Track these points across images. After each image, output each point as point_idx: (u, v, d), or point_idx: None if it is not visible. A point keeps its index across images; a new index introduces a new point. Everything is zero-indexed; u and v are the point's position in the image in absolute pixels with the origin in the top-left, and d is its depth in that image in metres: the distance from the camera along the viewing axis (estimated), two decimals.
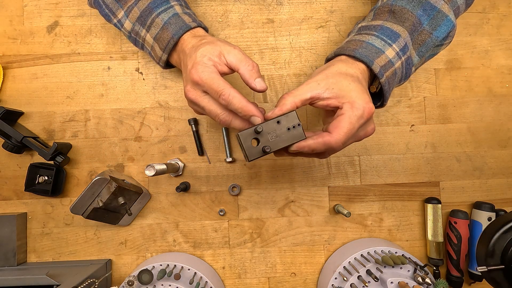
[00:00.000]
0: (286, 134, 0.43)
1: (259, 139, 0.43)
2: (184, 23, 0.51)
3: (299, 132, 0.43)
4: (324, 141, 0.43)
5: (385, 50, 0.47)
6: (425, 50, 0.50)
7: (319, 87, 0.44)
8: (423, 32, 0.49)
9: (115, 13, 0.54)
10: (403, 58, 0.48)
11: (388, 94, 0.49)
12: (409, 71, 0.51)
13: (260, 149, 0.43)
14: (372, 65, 0.46)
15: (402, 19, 0.49)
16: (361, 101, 0.43)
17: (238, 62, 0.46)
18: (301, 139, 0.43)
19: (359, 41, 0.49)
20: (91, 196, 0.55)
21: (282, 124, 0.43)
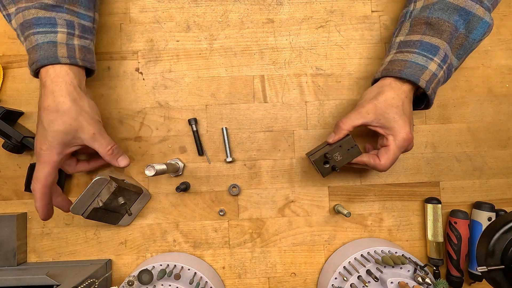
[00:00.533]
0: (347, 153, 0.56)
1: (328, 161, 0.56)
2: (55, 55, 0.49)
3: (356, 150, 0.56)
4: (375, 163, 0.54)
5: (428, 66, 0.52)
6: (463, 52, 0.54)
7: (369, 117, 0.54)
8: (460, 36, 0.52)
9: (6, 6, 0.52)
10: (444, 67, 0.53)
11: (433, 100, 0.55)
12: (450, 74, 0.56)
13: (330, 169, 0.56)
14: (419, 82, 0.52)
15: (440, 31, 0.52)
16: (403, 134, 0.53)
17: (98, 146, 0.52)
18: (358, 156, 0.56)
19: (403, 61, 0.53)
20: (91, 196, 0.54)
21: (343, 147, 0.56)
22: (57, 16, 0.50)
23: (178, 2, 0.65)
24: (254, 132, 0.65)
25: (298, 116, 0.65)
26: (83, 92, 0.52)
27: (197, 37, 0.65)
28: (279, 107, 0.65)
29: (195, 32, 0.65)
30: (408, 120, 0.53)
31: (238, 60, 0.65)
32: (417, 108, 0.58)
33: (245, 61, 0.65)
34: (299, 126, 0.65)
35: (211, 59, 0.65)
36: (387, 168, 0.54)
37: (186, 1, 0.65)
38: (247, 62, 0.65)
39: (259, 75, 0.65)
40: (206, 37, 0.65)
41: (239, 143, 0.64)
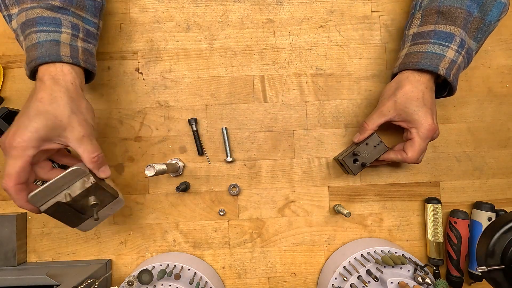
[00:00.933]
0: (374, 150, 0.59)
1: (357, 159, 0.58)
2: (57, 53, 0.47)
3: (383, 147, 0.59)
4: (403, 158, 0.56)
5: (445, 54, 0.52)
6: (481, 35, 0.54)
7: (390, 113, 0.55)
8: (475, 20, 0.52)
9: (8, 8, 0.51)
10: (463, 52, 0.53)
11: (456, 85, 0.55)
12: (470, 58, 0.55)
13: (359, 165, 0.59)
14: (439, 70, 0.52)
15: (453, 18, 0.52)
16: (426, 125, 0.53)
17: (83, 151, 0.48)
18: (385, 151, 0.58)
19: (419, 52, 0.53)
20: (59, 187, 0.46)
21: (369, 144, 0.59)
22: (62, 17, 0.50)
23: (178, 2, 0.65)
24: (254, 132, 0.65)
25: (298, 116, 0.65)
26: (82, 93, 0.51)
27: (197, 37, 0.65)
28: (279, 107, 0.65)
29: (195, 32, 0.65)
30: (430, 111, 0.53)
31: (238, 60, 0.65)
32: (440, 96, 0.58)
33: (245, 61, 0.65)
34: (299, 126, 0.65)
35: (211, 59, 0.65)
36: (416, 160, 0.55)
37: (186, 1, 0.65)
38: (247, 62, 0.65)
39: (259, 75, 0.65)
40: (206, 37, 0.65)
41: (239, 143, 0.64)
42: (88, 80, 0.56)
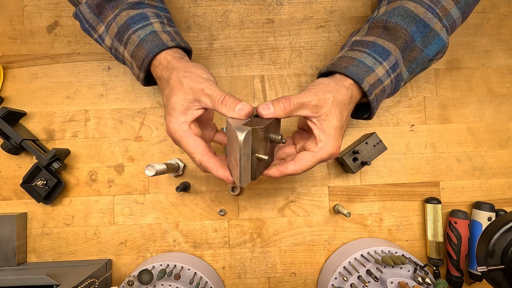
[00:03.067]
0: (373, 149, 0.58)
1: (357, 157, 0.59)
2: (161, 41, 0.49)
3: (382, 146, 0.58)
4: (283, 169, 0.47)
5: (375, 69, 0.48)
6: (415, 66, 0.50)
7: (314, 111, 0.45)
8: (415, 48, 0.49)
9: (95, 28, 0.52)
10: (392, 75, 0.49)
11: (376, 109, 0.50)
12: (398, 86, 0.51)
13: (359, 163, 0.59)
14: (362, 83, 0.47)
15: (395, 36, 0.49)
16: (332, 148, 0.46)
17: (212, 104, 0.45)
18: (384, 151, 0.59)
19: (351, 58, 0.49)
20: (248, 157, 0.41)
21: (369, 143, 0.58)
22: (144, 10, 0.51)
23: (178, 2, 0.65)
24: None
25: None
26: (186, 61, 0.50)
27: (197, 37, 0.65)
28: None
29: (195, 32, 0.65)
30: (342, 134, 0.48)
31: (238, 60, 0.65)
32: (359, 116, 0.54)
33: (245, 61, 0.65)
34: None
35: (211, 59, 0.65)
36: (297, 173, 0.47)
37: (186, 1, 0.65)
38: (247, 62, 0.65)
39: (259, 75, 0.65)
40: (206, 37, 0.65)
41: None
42: None
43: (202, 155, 0.45)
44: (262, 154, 0.43)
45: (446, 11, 0.48)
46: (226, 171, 0.45)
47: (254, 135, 0.41)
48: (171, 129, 0.46)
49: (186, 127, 0.45)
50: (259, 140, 0.42)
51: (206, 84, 0.45)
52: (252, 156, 0.42)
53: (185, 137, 0.45)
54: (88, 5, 0.50)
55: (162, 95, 0.49)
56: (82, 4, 0.51)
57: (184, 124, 0.45)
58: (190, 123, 0.46)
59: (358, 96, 0.49)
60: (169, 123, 0.46)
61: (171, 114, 0.46)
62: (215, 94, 0.44)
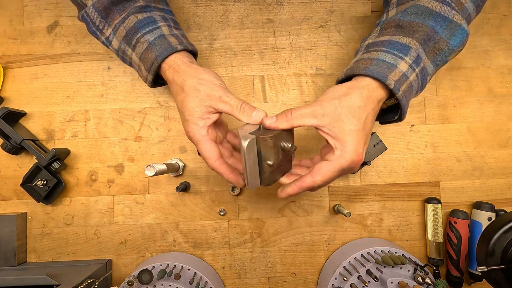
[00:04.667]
0: (374, 149, 0.58)
1: None
2: (170, 45, 0.50)
3: (382, 146, 0.59)
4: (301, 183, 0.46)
5: (397, 64, 0.45)
6: (441, 59, 0.48)
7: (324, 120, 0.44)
8: (441, 40, 0.46)
9: (103, 31, 0.53)
10: (417, 69, 0.47)
11: (406, 108, 0.47)
12: (424, 82, 0.49)
13: None
14: (386, 81, 0.44)
15: (412, 31, 0.47)
16: (351, 154, 0.44)
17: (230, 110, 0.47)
18: (384, 151, 0.59)
19: (369, 59, 0.47)
20: (254, 163, 0.45)
21: (369, 143, 0.57)
22: (152, 14, 0.52)
23: (178, 2, 0.65)
24: None
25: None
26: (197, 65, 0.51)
27: (197, 37, 0.65)
28: (279, 107, 0.65)
29: (195, 32, 0.65)
30: (365, 138, 0.45)
31: (238, 60, 0.65)
32: (388, 120, 0.51)
33: (245, 61, 0.65)
34: None
35: (211, 59, 0.65)
36: (317, 186, 0.46)
37: (186, 1, 0.65)
38: (247, 62, 0.65)
39: (259, 75, 0.65)
40: (206, 37, 0.65)
41: None
42: None
43: (215, 161, 0.48)
44: (272, 161, 0.44)
45: (461, 4, 0.47)
46: (236, 175, 0.49)
47: (264, 144, 0.44)
48: (190, 134, 0.48)
49: (204, 132, 0.48)
50: (268, 148, 0.44)
51: (222, 91, 0.47)
52: (263, 163, 0.45)
53: (202, 142, 0.48)
54: (95, 8, 0.50)
55: (176, 99, 0.50)
56: (89, 7, 0.50)
57: (202, 129, 0.47)
58: (207, 128, 0.48)
59: (380, 96, 0.46)
60: (188, 128, 0.48)
61: (188, 120, 0.48)
62: (232, 101, 0.47)
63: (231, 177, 0.49)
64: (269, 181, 0.46)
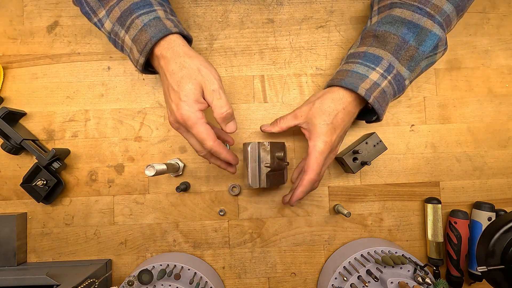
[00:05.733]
0: (373, 149, 0.59)
1: (357, 157, 0.59)
2: (164, 27, 0.50)
3: (382, 146, 0.59)
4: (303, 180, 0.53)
5: (368, 75, 0.52)
6: (415, 64, 0.53)
7: (301, 118, 0.55)
8: (410, 48, 0.52)
9: (96, 12, 0.53)
10: (389, 77, 0.53)
11: (381, 110, 0.53)
12: (401, 85, 0.54)
13: (359, 163, 0.59)
14: (358, 90, 0.51)
15: (385, 42, 0.53)
16: (319, 142, 0.52)
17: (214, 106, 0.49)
18: (384, 151, 0.59)
19: (346, 71, 0.54)
20: (255, 167, 0.54)
21: (369, 143, 0.59)
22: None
23: (178, 2, 0.65)
24: (254, 132, 0.65)
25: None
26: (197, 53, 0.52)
27: (197, 37, 0.65)
28: (279, 107, 0.65)
29: (195, 32, 0.65)
30: (334, 130, 0.53)
31: (238, 60, 0.65)
32: (370, 120, 0.58)
33: (245, 61, 0.65)
34: None
35: (211, 59, 0.65)
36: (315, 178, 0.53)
37: (186, 1, 0.65)
38: (247, 62, 0.65)
39: (259, 75, 0.65)
40: (206, 37, 0.65)
41: (239, 143, 0.64)
42: None
43: (214, 141, 0.49)
44: (269, 163, 0.54)
45: (438, 8, 0.51)
46: (232, 154, 0.53)
47: (262, 148, 0.55)
48: (184, 116, 0.48)
49: (200, 115, 0.48)
50: (266, 152, 0.55)
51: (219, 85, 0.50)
52: (261, 165, 0.55)
53: (198, 124, 0.48)
54: None
55: (170, 79, 0.49)
56: None
57: (198, 112, 0.48)
58: (202, 112, 0.49)
59: (354, 102, 0.54)
60: (182, 109, 0.48)
61: (185, 101, 0.48)
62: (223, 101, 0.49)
63: (228, 155, 0.52)
64: (266, 182, 0.55)
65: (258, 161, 0.54)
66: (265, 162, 0.55)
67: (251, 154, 0.54)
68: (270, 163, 0.54)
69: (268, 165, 0.54)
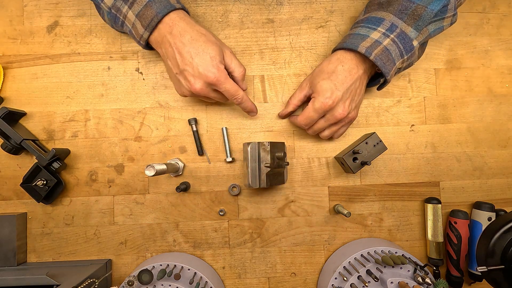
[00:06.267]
0: (373, 149, 0.59)
1: (357, 157, 0.59)
2: (169, 3, 0.52)
3: (382, 146, 0.59)
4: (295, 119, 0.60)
5: (369, 35, 0.54)
6: (423, 23, 0.53)
7: (306, 87, 0.60)
8: (418, 7, 0.52)
9: None
10: (391, 35, 0.53)
11: (386, 69, 0.53)
12: (408, 45, 0.54)
13: (359, 163, 0.59)
14: (358, 48, 0.53)
15: (388, 5, 0.54)
16: (320, 97, 0.55)
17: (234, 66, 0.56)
18: (384, 151, 0.59)
19: (349, 34, 0.56)
20: (255, 167, 0.55)
21: (369, 143, 0.59)
22: None
23: None
24: (254, 132, 0.65)
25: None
26: None
27: None
28: (279, 107, 0.65)
29: None
30: (335, 87, 0.54)
31: None
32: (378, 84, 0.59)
33: (245, 61, 0.65)
34: None
35: None
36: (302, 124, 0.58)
37: (186, 1, 0.65)
38: (247, 62, 0.65)
39: (259, 75, 0.65)
40: None
41: (239, 143, 0.64)
42: None
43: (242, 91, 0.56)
44: (269, 163, 0.55)
45: None
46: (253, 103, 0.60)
47: (262, 148, 0.56)
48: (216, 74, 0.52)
49: (226, 73, 0.53)
50: (266, 152, 0.56)
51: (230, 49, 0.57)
52: (261, 165, 0.55)
53: (228, 80, 0.53)
54: None
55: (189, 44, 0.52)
56: None
57: (225, 70, 0.53)
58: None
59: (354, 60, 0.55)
60: (212, 69, 0.52)
61: (213, 62, 0.52)
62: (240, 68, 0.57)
63: (252, 104, 0.59)
64: (266, 182, 0.56)
65: (258, 161, 0.55)
66: (265, 162, 0.55)
67: (251, 154, 0.55)
68: (270, 163, 0.55)
69: (268, 165, 0.55)
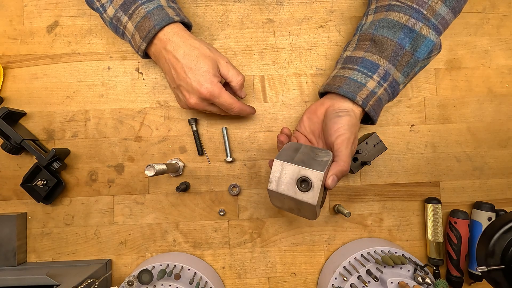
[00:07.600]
0: (373, 149, 0.59)
1: (357, 157, 0.58)
2: (167, 15, 0.53)
3: (382, 146, 0.59)
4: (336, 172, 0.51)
5: (366, 83, 0.53)
6: (410, 69, 0.53)
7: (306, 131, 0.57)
8: (406, 54, 0.52)
9: None
10: (385, 84, 0.53)
11: (376, 116, 0.54)
12: (396, 90, 0.55)
13: (359, 163, 0.59)
14: (355, 99, 0.52)
15: (382, 49, 0.52)
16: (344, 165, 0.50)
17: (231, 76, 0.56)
18: (384, 151, 0.59)
19: (343, 77, 0.54)
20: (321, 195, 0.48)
21: (369, 143, 0.59)
22: None
23: (178, 2, 0.65)
24: (254, 132, 0.65)
25: (298, 116, 0.65)
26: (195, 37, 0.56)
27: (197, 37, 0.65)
28: (279, 107, 0.65)
29: (195, 32, 0.65)
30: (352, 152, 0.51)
31: (238, 60, 0.65)
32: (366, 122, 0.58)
33: (245, 61, 0.65)
34: None
35: None
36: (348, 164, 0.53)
37: (186, 1, 0.65)
38: (247, 62, 0.65)
39: (259, 75, 0.65)
40: (206, 37, 0.65)
41: (239, 143, 0.64)
42: None
43: (238, 102, 0.56)
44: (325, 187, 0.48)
45: (433, 10, 0.51)
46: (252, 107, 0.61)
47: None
48: (210, 89, 0.53)
49: (221, 86, 0.54)
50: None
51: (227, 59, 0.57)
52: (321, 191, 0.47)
53: (222, 93, 0.54)
54: None
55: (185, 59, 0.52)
56: None
57: (219, 84, 0.54)
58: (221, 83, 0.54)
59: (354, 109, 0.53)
60: (205, 85, 0.52)
61: (206, 77, 0.53)
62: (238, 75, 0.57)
63: (249, 109, 0.60)
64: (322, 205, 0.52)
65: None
66: None
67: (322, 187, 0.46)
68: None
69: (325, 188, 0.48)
